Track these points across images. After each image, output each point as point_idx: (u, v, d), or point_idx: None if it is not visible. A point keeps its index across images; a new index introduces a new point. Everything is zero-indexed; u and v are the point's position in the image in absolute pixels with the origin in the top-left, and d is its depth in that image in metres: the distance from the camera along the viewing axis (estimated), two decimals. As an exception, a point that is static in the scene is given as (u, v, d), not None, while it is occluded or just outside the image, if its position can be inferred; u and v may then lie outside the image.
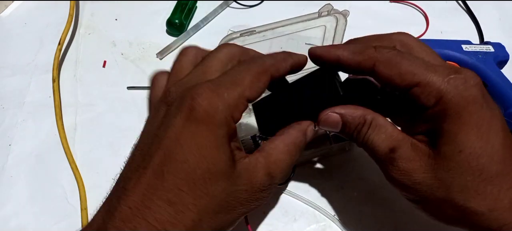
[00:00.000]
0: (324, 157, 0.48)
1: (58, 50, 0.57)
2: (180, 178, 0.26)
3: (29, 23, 0.65)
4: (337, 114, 0.33)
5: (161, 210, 0.25)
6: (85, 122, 0.53)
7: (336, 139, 0.45)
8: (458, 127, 0.29)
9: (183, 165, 0.26)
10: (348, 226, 0.43)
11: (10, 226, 0.45)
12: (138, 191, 0.26)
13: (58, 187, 0.47)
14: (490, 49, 0.52)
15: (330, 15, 0.42)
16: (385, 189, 0.46)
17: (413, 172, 0.31)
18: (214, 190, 0.27)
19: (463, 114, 0.28)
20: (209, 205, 0.27)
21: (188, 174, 0.26)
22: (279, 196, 0.45)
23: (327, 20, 0.43)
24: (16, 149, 0.51)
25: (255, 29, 0.40)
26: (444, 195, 0.30)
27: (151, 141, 0.28)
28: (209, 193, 0.27)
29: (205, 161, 0.26)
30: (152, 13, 0.65)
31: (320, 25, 0.44)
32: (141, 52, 0.60)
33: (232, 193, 0.28)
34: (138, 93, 0.56)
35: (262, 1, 0.65)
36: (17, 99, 0.56)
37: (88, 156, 0.49)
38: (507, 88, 0.49)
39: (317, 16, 0.42)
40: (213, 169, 0.27)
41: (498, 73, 0.50)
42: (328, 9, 0.41)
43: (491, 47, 0.52)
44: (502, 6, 0.64)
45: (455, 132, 0.29)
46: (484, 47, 0.52)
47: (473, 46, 0.52)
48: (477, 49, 0.51)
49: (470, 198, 0.29)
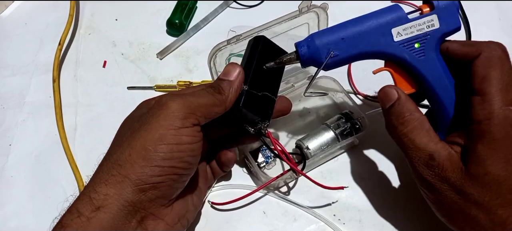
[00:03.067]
0: (334, 157, 0.48)
1: (58, 50, 0.57)
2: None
3: (29, 23, 0.65)
4: (394, 90, 0.37)
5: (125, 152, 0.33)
6: (85, 122, 0.53)
7: (343, 137, 0.46)
8: (490, 153, 0.33)
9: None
10: (348, 226, 0.43)
11: (10, 226, 0.45)
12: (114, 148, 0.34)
13: (58, 187, 0.47)
14: (433, 24, 0.37)
15: (311, 11, 0.43)
16: (385, 189, 0.46)
17: (444, 180, 0.34)
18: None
19: (499, 143, 0.32)
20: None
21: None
22: (279, 198, 0.46)
23: (309, 17, 0.44)
24: (16, 149, 0.51)
25: (241, 35, 0.41)
26: (461, 205, 0.34)
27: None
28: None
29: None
30: (152, 13, 0.65)
31: (304, 23, 0.45)
32: (141, 52, 0.60)
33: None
34: (138, 93, 0.56)
35: (262, 1, 0.65)
36: (17, 99, 0.56)
37: (88, 156, 0.49)
38: (445, 97, 0.38)
39: (298, 14, 0.43)
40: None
41: (438, 75, 0.38)
42: (307, 5, 0.42)
43: (435, 18, 0.37)
44: (502, 6, 0.64)
45: (486, 156, 0.32)
46: (424, 24, 0.37)
47: (408, 27, 0.37)
48: (414, 33, 0.37)
49: (482, 214, 0.33)
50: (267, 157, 0.46)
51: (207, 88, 0.36)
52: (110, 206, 0.31)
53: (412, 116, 0.36)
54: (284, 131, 0.50)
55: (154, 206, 0.33)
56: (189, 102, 0.34)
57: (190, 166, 0.35)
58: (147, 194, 0.32)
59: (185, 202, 0.38)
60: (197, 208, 0.40)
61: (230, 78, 0.36)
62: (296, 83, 0.51)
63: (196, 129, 0.34)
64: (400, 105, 0.37)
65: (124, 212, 0.31)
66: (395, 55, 0.38)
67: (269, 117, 0.39)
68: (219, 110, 0.35)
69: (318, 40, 0.38)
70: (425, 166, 0.35)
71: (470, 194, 0.33)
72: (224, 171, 0.44)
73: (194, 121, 0.34)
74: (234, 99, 0.36)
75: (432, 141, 0.35)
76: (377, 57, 0.39)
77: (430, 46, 0.38)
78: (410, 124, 0.36)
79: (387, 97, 0.38)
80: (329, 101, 0.53)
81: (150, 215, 0.33)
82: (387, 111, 0.38)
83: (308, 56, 0.38)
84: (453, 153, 0.35)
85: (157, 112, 0.33)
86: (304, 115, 0.52)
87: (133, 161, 0.31)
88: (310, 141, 0.46)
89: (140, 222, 0.33)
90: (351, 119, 0.47)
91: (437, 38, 0.38)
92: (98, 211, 0.30)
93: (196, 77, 0.57)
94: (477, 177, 0.33)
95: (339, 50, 0.38)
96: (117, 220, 0.31)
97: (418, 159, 0.36)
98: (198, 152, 0.35)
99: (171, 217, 0.35)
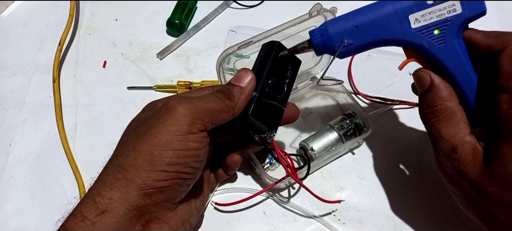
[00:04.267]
0: (337, 158, 0.48)
1: (58, 50, 0.57)
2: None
3: (29, 23, 0.65)
4: (427, 75, 0.36)
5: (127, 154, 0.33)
6: (85, 122, 0.53)
7: (347, 137, 0.46)
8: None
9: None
10: (348, 226, 0.43)
11: (10, 226, 0.45)
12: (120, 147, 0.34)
13: (58, 187, 0.47)
14: (454, 9, 0.35)
15: (320, 15, 0.43)
16: (385, 189, 0.46)
17: (465, 174, 0.34)
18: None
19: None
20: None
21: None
22: (279, 198, 0.46)
23: (317, 20, 0.44)
24: (16, 149, 0.51)
25: (253, 39, 0.41)
26: (478, 201, 0.34)
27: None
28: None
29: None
30: (152, 13, 0.65)
31: (312, 26, 0.45)
32: (141, 52, 0.60)
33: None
34: (138, 93, 0.56)
35: (262, 1, 0.65)
36: (17, 99, 0.56)
37: (88, 156, 0.49)
38: (467, 87, 0.36)
39: (308, 17, 0.42)
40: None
41: (459, 64, 0.36)
42: (317, 9, 0.42)
43: (456, 3, 0.35)
44: (502, 6, 0.63)
45: (511, 157, 0.31)
46: (445, 9, 0.35)
47: (427, 13, 0.35)
48: (433, 19, 0.35)
49: (502, 212, 0.33)
50: (271, 158, 0.46)
51: (216, 93, 0.36)
52: (115, 210, 0.30)
53: (443, 105, 0.35)
54: (287, 132, 0.50)
55: (159, 210, 0.33)
56: (197, 107, 0.33)
57: (196, 170, 0.34)
58: (152, 198, 0.32)
59: (188, 206, 0.38)
60: (200, 212, 0.40)
61: (241, 84, 0.36)
62: (299, 83, 0.51)
63: (203, 135, 0.34)
64: (432, 93, 0.35)
65: (129, 216, 0.31)
66: (413, 42, 0.36)
67: (276, 127, 0.39)
68: (227, 116, 0.35)
69: (331, 28, 0.37)
70: (446, 158, 0.35)
71: (488, 191, 0.33)
72: (228, 174, 0.44)
73: (201, 127, 0.33)
74: (243, 106, 0.36)
75: (459, 133, 0.34)
76: (393, 44, 0.37)
77: (451, 32, 0.35)
78: (440, 113, 0.35)
79: (420, 83, 0.36)
80: (332, 102, 0.53)
81: (154, 218, 0.33)
82: (419, 97, 0.37)
83: (321, 44, 0.37)
84: (479, 149, 0.34)
85: (164, 116, 0.33)
86: (307, 116, 0.52)
87: (139, 166, 0.31)
88: (314, 142, 0.46)
89: (144, 225, 0.33)
90: (354, 120, 0.47)
91: (459, 24, 0.35)
92: (103, 215, 0.30)
93: (196, 77, 0.57)
94: (498, 176, 0.32)
95: (353, 39, 0.36)
96: (121, 224, 0.31)
97: (441, 149, 0.35)
98: (204, 157, 0.35)
99: (175, 221, 0.35)
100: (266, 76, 0.37)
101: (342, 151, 0.48)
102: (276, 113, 0.38)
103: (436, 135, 0.35)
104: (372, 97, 0.53)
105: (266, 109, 0.37)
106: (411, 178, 0.46)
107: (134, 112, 0.37)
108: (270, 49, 0.38)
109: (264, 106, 0.37)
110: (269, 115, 0.38)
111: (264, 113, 0.37)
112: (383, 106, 0.52)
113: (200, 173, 0.36)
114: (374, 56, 0.56)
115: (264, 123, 0.37)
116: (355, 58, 0.54)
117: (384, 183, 0.46)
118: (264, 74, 0.37)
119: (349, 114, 0.48)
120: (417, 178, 0.46)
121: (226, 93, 0.35)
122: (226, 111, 0.35)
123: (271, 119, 0.38)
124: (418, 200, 0.45)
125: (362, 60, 0.55)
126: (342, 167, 0.48)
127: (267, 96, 0.38)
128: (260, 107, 0.37)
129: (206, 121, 0.33)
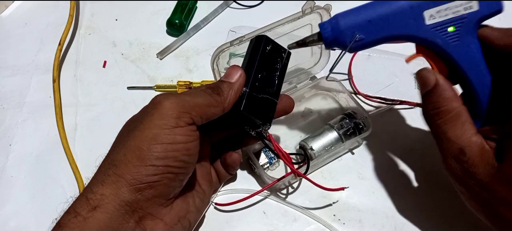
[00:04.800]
0: (337, 158, 0.48)
1: (58, 50, 0.57)
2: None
3: (29, 23, 0.65)
4: (432, 75, 0.35)
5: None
6: (85, 122, 0.53)
7: (347, 137, 0.46)
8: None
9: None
10: (348, 226, 0.43)
11: (10, 226, 0.45)
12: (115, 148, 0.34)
13: (58, 187, 0.47)
14: (471, 6, 0.34)
15: (314, 12, 0.43)
16: (385, 189, 0.46)
17: (474, 174, 0.33)
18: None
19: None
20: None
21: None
22: (279, 198, 0.46)
23: (312, 18, 0.44)
24: (16, 149, 0.51)
25: (244, 36, 0.41)
26: (487, 200, 0.33)
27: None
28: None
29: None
30: (152, 13, 0.65)
31: (306, 24, 0.45)
32: (141, 52, 0.60)
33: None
34: (138, 93, 0.56)
35: (262, 1, 0.65)
36: (17, 99, 0.56)
37: (88, 156, 0.49)
38: (480, 85, 0.35)
39: (301, 15, 0.42)
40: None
41: (474, 62, 0.35)
42: (310, 6, 0.42)
43: (474, 1, 0.34)
44: (502, 6, 0.63)
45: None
46: (461, 6, 0.34)
47: (443, 9, 0.34)
48: (448, 15, 0.34)
49: (509, 210, 0.32)
50: (270, 158, 0.46)
51: (205, 89, 0.36)
52: (106, 206, 0.31)
53: (448, 106, 0.34)
54: (287, 131, 0.50)
55: (151, 206, 0.33)
56: (184, 101, 0.34)
57: (186, 165, 0.34)
58: (144, 193, 0.32)
59: (185, 202, 0.38)
60: (200, 210, 0.40)
61: (230, 80, 0.36)
62: (298, 83, 0.51)
63: (191, 128, 0.34)
64: (437, 94, 0.35)
65: (121, 212, 0.31)
66: (426, 39, 0.35)
67: (270, 120, 0.39)
68: (216, 110, 0.35)
69: (342, 22, 0.35)
70: (454, 160, 0.34)
71: (498, 192, 0.32)
72: (230, 174, 0.44)
73: (188, 120, 0.33)
74: (233, 102, 0.36)
75: (465, 134, 0.34)
76: (405, 40, 0.36)
77: (466, 30, 0.34)
78: (445, 115, 0.34)
79: (424, 83, 0.36)
80: (332, 101, 0.53)
81: (148, 215, 0.33)
82: (423, 97, 0.36)
83: (332, 38, 0.36)
84: (487, 149, 0.33)
85: (151, 112, 0.33)
86: (307, 116, 0.52)
87: (128, 161, 0.32)
88: (314, 142, 0.46)
89: (138, 222, 0.33)
90: (354, 119, 0.47)
91: (475, 22, 0.34)
92: (95, 211, 0.30)
93: (196, 77, 0.57)
94: (509, 176, 0.32)
95: (365, 33, 0.35)
96: (114, 219, 0.31)
97: (448, 151, 0.35)
98: (194, 151, 0.35)
99: (171, 217, 0.35)
100: (256, 71, 0.38)
101: (342, 150, 0.48)
102: (269, 106, 0.39)
103: (443, 136, 0.35)
104: (372, 97, 0.53)
105: (259, 103, 0.38)
106: (411, 178, 0.46)
107: (134, 112, 0.37)
108: (258, 44, 0.39)
109: (256, 101, 0.38)
110: (262, 109, 0.38)
111: (257, 108, 0.38)
112: (383, 106, 0.52)
113: (192, 168, 0.36)
114: (374, 56, 0.56)
115: (258, 117, 0.38)
116: (355, 58, 0.54)
117: (384, 183, 0.46)
118: (253, 69, 0.38)
119: (349, 114, 0.48)
120: (417, 178, 0.46)
121: (215, 89, 0.36)
122: (214, 105, 0.35)
123: (264, 113, 0.38)
124: (418, 200, 0.45)
125: (362, 60, 0.55)
126: (342, 167, 0.48)
127: (259, 91, 0.38)
128: (252, 101, 0.37)
129: (194, 115, 0.34)
